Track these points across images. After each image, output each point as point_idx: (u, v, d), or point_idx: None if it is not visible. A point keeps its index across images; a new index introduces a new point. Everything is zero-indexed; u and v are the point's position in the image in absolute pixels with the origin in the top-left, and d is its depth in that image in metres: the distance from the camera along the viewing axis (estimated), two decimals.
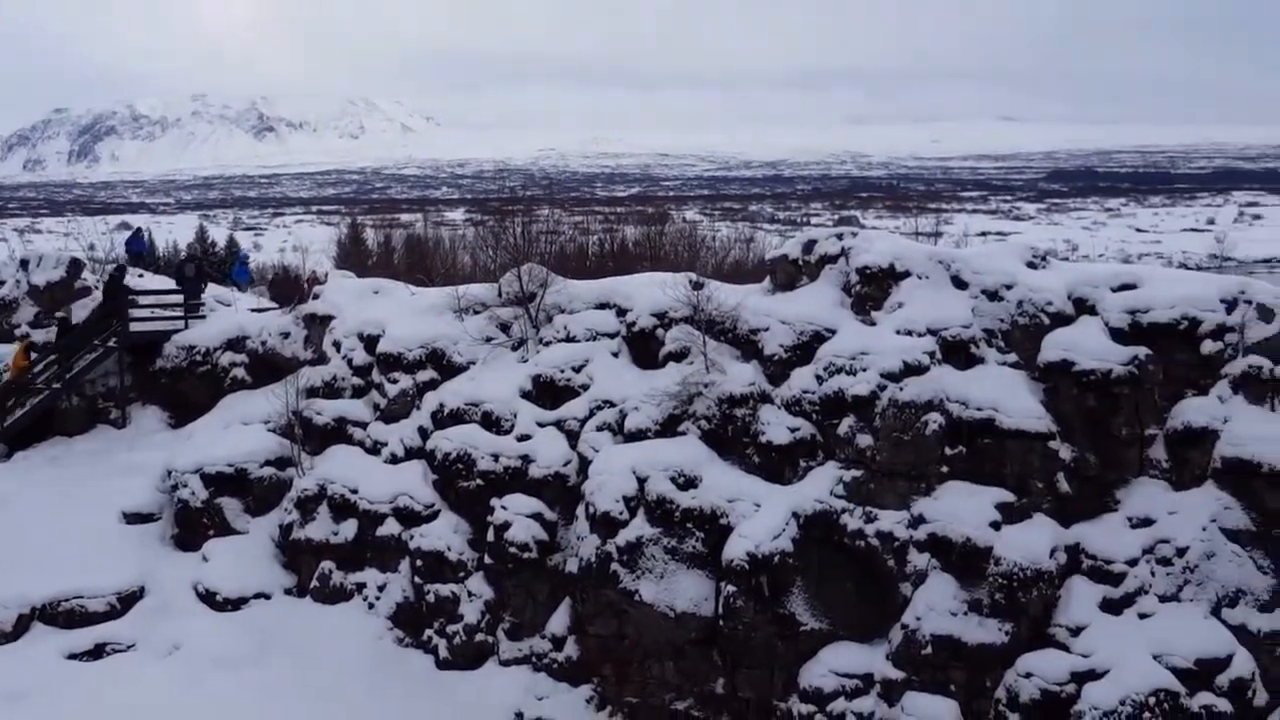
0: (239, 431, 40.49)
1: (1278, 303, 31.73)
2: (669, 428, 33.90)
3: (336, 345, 41.22)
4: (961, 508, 31.12)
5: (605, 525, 32.33)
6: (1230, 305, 31.64)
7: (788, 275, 36.36)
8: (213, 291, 49.12)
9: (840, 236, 35.96)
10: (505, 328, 38.55)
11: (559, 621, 34.03)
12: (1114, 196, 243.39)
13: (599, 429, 34.87)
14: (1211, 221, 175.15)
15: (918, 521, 31.27)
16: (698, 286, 35.10)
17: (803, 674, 31.20)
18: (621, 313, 37.22)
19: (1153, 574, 30.13)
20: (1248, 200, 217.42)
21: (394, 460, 38.02)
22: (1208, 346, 31.49)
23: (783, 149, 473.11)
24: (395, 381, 39.08)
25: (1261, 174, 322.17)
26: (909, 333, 32.78)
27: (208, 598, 37.11)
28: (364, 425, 39.50)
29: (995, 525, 30.70)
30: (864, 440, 31.94)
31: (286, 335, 42.97)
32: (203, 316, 45.61)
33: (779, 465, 33.06)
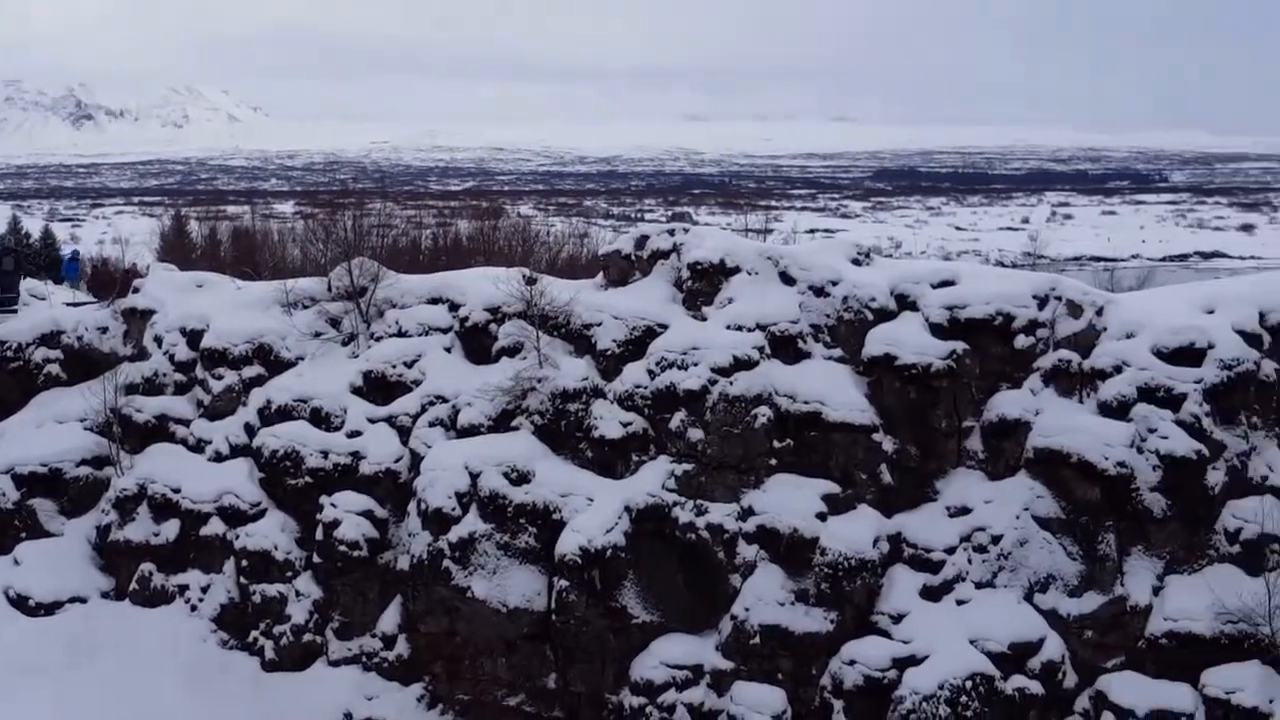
0: (53, 430, 39.24)
1: (1085, 299, 33.59)
2: (502, 423, 34.08)
3: (158, 340, 40.26)
4: (789, 499, 31.99)
5: (437, 522, 32.37)
6: (1042, 302, 33.25)
7: (621, 271, 36.83)
8: (26, 285, 47.30)
9: (672, 233, 36.59)
10: (335, 323, 38.24)
11: (390, 620, 33.94)
12: (935, 195, 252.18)
13: (431, 425, 34.83)
14: (1026, 220, 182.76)
15: (747, 514, 32.05)
16: (531, 281, 35.33)
17: (634, 666, 31.64)
18: (454, 307, 37.22)
19: (970, 561, 31.48)
20: (1059, 200, 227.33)
21: (218, 458, 37.32)
22: (1021, 341, 32.98)
23: (617, 145, 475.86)
24: (220, 378, 38.34)
25: (1072, 175, 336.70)
26: (739, 328, 33.47)
27: (19, 602, 36.00)
28: (187, 423, 38.64)
29: (821, 516, 31.68)
30: (695, 434, 32.60)
31: (105, 330, 41.77)
32: (15, 310, 43.88)
33: (611, 460, 33.47)
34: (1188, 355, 32.16)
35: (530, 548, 32.51)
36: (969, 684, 29.51)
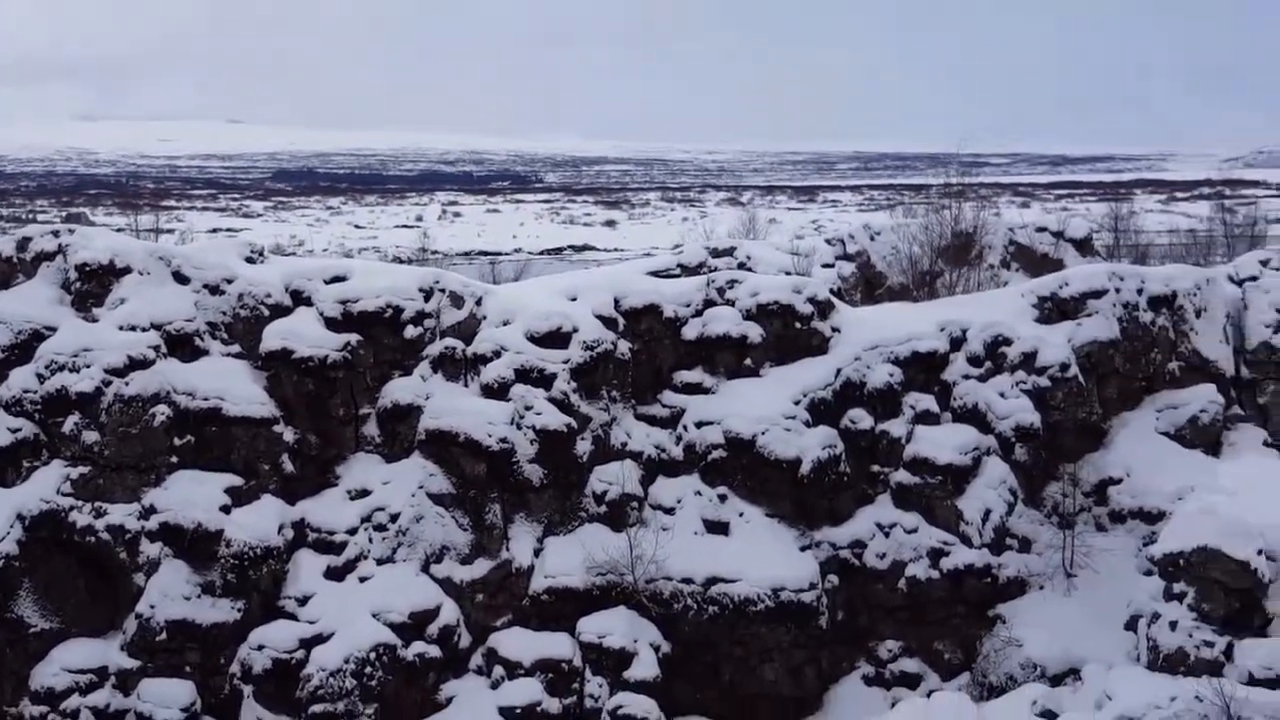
0: None
1: (466, 290, 36.24)
2: None
3: None
4: (192, 495, 32.34)
5: None
6: (427, 294, 35.38)
7: (3, 274, 35.39)
8: None
9: (57, 233, 35.65)
10: None
11: None
12: (334, 195, 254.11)
13: None
14: (420, 218, 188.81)
15: (149, 512, 32.14)
16: None
17: (34, 676, 31.05)
18: None
19: (370, 540, 33.14)
20: (449, 199, 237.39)
21: None
22: (410, 331, 34.96)
23: (2, 144, 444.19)
24: None
25: (460, 176, 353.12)
26: (133, 328, 33.33)
27: None
28: None
29: (225, 509, 32.32)
30: (91, 436, 32.29)
31: None
32: None
33: (1, 468, 32.45)
34: (556, 339, 35.29)
35: None
36: (373, 655, 31.15)
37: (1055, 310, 38.35)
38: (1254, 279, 41.27)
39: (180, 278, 34.75)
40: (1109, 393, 37.92)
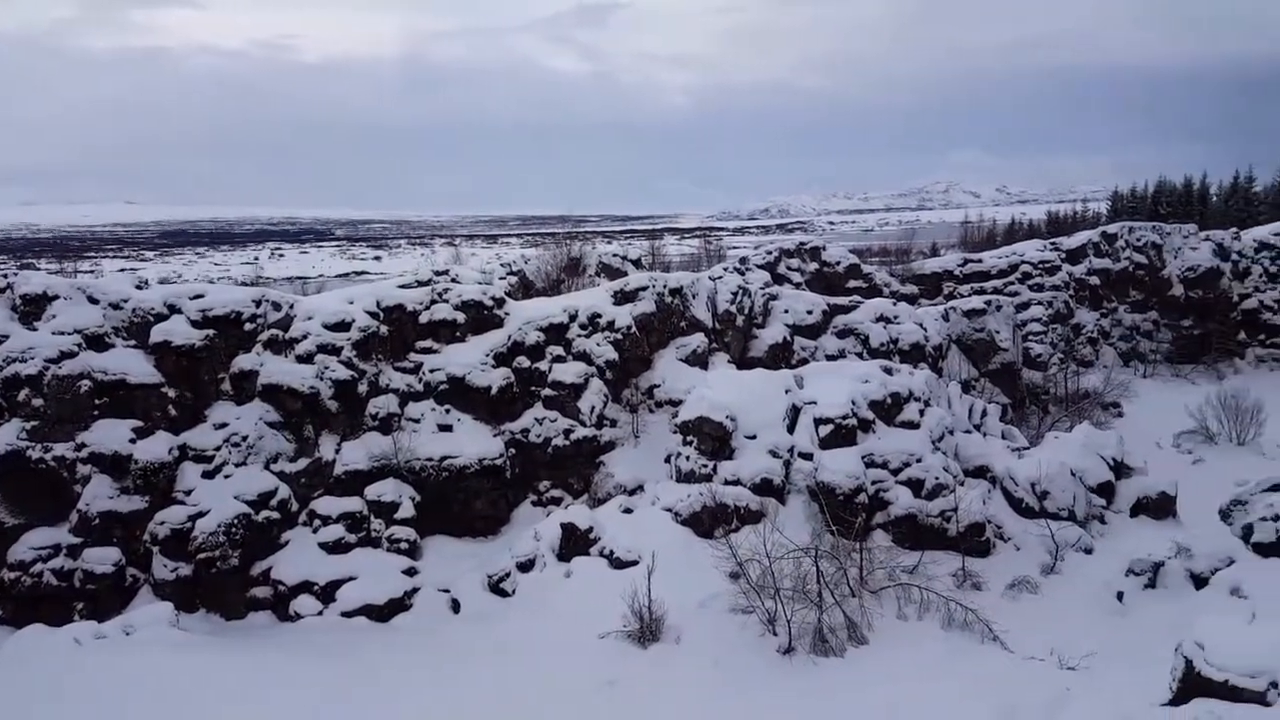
0: None
1: (284, 300, 36.93)
2: None
3: None
4: (110, 434, 32.52)
5: None
6: (258, 303, 36.10)
7: None
8: None
9: (6, 275, 34.26)
10: None
11: None
12: (201, 246, 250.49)
13: None
14: (256, 258, 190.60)
15: (81, 446, 31.99)
16: None
17: (10, 553, 30.72)
18: None
19: (230, 453, 33.80)
20: (275, 247, 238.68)
21: None
22: (248, 326, 35.60)
23: None
24: None
25: (280, 232, 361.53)
26: (62, 333, 32.85)
27: None
28: None
29: (133, 441, 32.51)
30: (37, 402, 31.79)
31: None
32: None
33: None
34: (343, 326, 36.32)
35: None
36: (236, 520, 32.10)
37: (623, 297, 41.06)
38: (720, 277, 46.13)
39: (92, 300, 34.21)
40: (652, 340, 40.84)
